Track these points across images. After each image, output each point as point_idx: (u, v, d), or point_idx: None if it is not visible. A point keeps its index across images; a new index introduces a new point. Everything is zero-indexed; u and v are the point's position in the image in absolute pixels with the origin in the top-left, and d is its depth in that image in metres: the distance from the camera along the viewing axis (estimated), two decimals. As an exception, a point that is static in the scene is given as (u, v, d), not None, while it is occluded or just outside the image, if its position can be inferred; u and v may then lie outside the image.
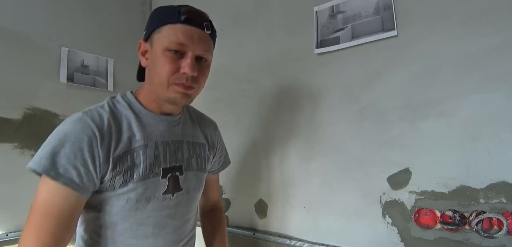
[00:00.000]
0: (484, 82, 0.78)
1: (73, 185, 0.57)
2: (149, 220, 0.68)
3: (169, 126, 0.74)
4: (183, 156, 0.75)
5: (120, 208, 0.64)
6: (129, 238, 0.66)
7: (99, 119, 0.63)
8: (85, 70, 1.46)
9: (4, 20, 1.22)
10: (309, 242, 1.04)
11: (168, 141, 0.72)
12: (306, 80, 1.10)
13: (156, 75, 0.65)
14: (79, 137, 0.59)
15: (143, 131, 0.68)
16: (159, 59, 0.64)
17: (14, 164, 1.20)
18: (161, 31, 0.64)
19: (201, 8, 0.67)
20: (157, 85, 0.66)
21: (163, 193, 0.69)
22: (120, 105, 0.69)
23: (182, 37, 0.63)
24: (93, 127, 0.60)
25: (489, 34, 0.78)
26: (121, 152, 0.63)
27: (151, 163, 0.67)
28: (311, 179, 1.06)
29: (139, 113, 0.70)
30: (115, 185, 0.63)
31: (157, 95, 0.69)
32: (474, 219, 0.76)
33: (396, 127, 0.90)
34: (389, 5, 0.93)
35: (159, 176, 0.69)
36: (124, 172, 0.63)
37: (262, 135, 1.21)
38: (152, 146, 0.68)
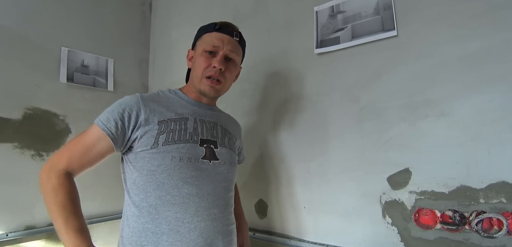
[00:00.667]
0: (484, 82, 0.78)
1: (108, 132, 0.73)
2: (192, 180, 0.77)
3: (205, 110, 0.90)
4: (217, 134, 0.88)
5: (166, 166, 0.75)
6: (175, 196, 0.75)
7: (147, 96, 0.82)
8: (85, 70, 1.46)
9: (4, 20, 1.22)
10: (309, 242, 1.04)
11: (204, 120, 0.87)
12: (306, 80, 1.10)
13: (194, 70, 0.86)
14: (126, 102, 0.77)
15: (185, 109, 0.85)
16: (198, 58, 0.85)
17: (14, 164, 1.20)
18: (201, 38, 0.87)
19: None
20: (195, 78, 0.86)
21: (202, 157, 0.80)
22: (167, 92, 0.89)
23: (215, 40, 0.84)
24: (139, 98, 0.79)
25: (489, 34, 0.78)
26: (165, 118, 0.79)
27: (191, 132, 0.81)
28: (311, 179, 1.06)
29: (183, 99, 0.88)
30: (158, 142, 0.75)
31: (195, 87, 0.87)
32: (474, 219, 0.76)
33: (396, 127, 0.90)
34: (389, 5, 0.93)
35: (197, 144, 0.81)
36: (167, 132, 0.77)
37: (262, 135, 1.21)
38: (191, 120, 0.83)
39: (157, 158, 0.75)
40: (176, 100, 0.86)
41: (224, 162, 0.85)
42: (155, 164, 0.75)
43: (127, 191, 0.79)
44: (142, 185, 0.75)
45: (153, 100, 0.81)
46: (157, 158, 0.75)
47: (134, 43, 1.71)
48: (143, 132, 0.76)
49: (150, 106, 0.78)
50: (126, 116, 0.75)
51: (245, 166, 1.26)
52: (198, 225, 0.76)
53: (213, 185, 0.80)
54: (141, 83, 1.73)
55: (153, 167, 0.75)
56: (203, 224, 0.76)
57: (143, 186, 0.75)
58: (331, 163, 1.02)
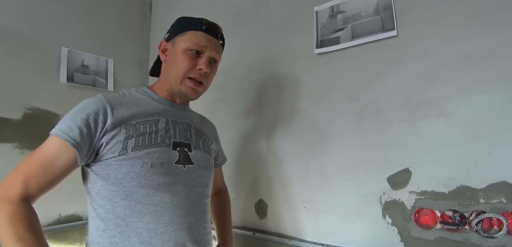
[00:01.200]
0: (484, 82, 0.78)
1: (72, 142, 0.64)
2: (165, 187, 0.71)
3: (178, 111, 0.84)
4: (191, 136, 0.83)
5: (136, 174, 0.68)
6: (147, 205, 0.68)
7: (111, 97, 0.74)
8: (85, 70, 1.46)
9: (4, 20, 1.22)
10: (309, 242, 1.04)
11: (177, 121, 0.81)
12: (306, 80, 1.10)
13: (174, 69, 0.79)
14: (89, 107, 0.68)
15: (155, 109, 0.78)
16: (180, 56, 0.78)
17: (14, 164, 1.19)
18: (185, 34, 0.79)
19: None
20: (173, 77, 0.79)
21: (175, 162, 0.74)
22: (134, 92, 0.81)
23: (202, 40, 0.79)
24: (104, 100, 0.71)
25: (489, 34, 0.78)
26: (133, 121, 0.72)
27: (162, 134, 0.75)
28: (310, 179, 1.06)
29: (153, 98, 0.81)
30: (127, 148, 0.68)
31: (170, 86, 0.81)
32: (474, 219, 0.76)
33: (396, 127, 0.90)
34: (389, 5, 0.93)
35: (170, 147, 0.75)
36: (136, 137, 0.70)
37: (262, 135, 1.21)
38: (163, 121, 0.77)
39: (126, 165, 0.67)
40: (145, 100, 0.79)
41: (199, 166, 0.80)
42: (123, 171, 0.67)
43: (91, 203, 0.70)
44: (108, 195, 0.68)
45: (119, 102, 0.73)
46: (125, 165, 0.67)
47: (134, 43, 1.71)
48: (109, 137, 0.68)
49: (116, 108, 0.71)
50: (92, 122, 0.66)
51: (245, 166, 1.26)
52: (173, 235, 0.70)
53: (187, 191, 0.75)
54: (141, 83, 1.73)
55: (121, 175, 0.67)
56: (178, 234, 0.71)
57: (109, 196, 0.68)
58: (331, 163, 1.02)
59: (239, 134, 1.29)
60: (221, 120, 1.36)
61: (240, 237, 1.21)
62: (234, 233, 1.23)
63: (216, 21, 0.84)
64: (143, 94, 0.81)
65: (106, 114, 0.69)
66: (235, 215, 1.28)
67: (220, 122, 1.36)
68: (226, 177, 1.33)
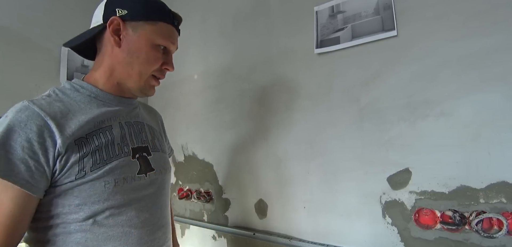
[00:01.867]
0: (484, 82, 0.78)
1: (22, 182, 0.50)
2: (131, 203, 0.62)
3: (128, 108, 0.72)
4: (147, 137, 0.73)
5: (98, 196, 0.57)
6: (112, 227, 0.59)
7: (48, 106, 0.57)
8: (85, 70, 1.46)
9: (4, 20, 1.22)
10: (309, 242, 1.04)
11: (130, 122, 0.70)
12: (306, 80, 1.10)
13: (139, 64, 0.65)
14: (26, 127, 0.52)
15: (105, 112, 0.64)
16: (147, 49, 0.65)
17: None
18: (155, 24, 0.66)
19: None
20: (136, 73, 0.66)
21: (137, 173, 0.64)
22: (70, 91, 0.64)
23: (173, 37, 0.70)
24: (42, 114, 0.54)
25: (489, 34, 0.78)
26: (84, 134, 0.58)
27: (119, 142, 0.63)
28: (311, 179, 1.06)
29: (97, 96, 0.66)
30: (84, 169, 0.56)
31: (124, 80, 0.67)
32: (474, 219, 0.76)
33: (396, 127, 0.90)
34: (389, 5, 0.93)
35: (130, 156, 0.64)
36: (92, 153, 0.58)
37: (262, 135, 1.21)
38: (116, 126, 0.65)
39: (85, 189, 0.56)
40: (86, 100, 0.64)
41: (160, 170, 0.71)
42: (82, 197, 0.56)
43: (35, 237, 0.58)
44: (63, 224, 0.56)
45: (61, 112, 0.57)
46: (85, 189, 0.56)
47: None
48: (63, 162, 0.54)
49: (61, 122, 0.55)
50: (38, 148, 0.52)
51: (245, 166, 1.26)
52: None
53: (152, 203, 0.67)
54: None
55: (79, 200, 0.56)
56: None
57: (64, 224, 0.56)
58: (331, 163, 1.02)
59: (239, 134, 1.29)
60: (221, 120, 1.36)
61: (240, 237, 1.21)
62: (234, 233, 1.24)
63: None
64: (82, 91, 0.65)
65: (52, 133, 0.54)
66: (235, 215, 1.28)
67: (220, 122, 1.36)
68: (226, 177, 1.33)
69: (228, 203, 1.30)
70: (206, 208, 1.38)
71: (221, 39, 1.41)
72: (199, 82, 1.49)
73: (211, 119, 1.40)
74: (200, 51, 1.48)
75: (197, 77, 1.49)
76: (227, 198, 1.31)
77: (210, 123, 1.39)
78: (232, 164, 1.30)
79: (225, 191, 1.32)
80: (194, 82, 1.50)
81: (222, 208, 1.32)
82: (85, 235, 0.57)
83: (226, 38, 1.39)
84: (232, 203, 1.30)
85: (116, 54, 0.66)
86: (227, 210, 1.30)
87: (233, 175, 1.30)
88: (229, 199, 1.30)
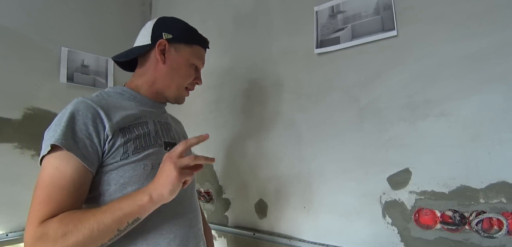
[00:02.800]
0: (484, 82, 0.78)
1: (81, 156, 0.60)
2: None
3: (160, 110, 0.85)
4: (175, 135, 0.85)
5: (138, 177, 0.67)
6: None
7: (98, 100, 0.69)
8: (85, 70, 1.46)
9: (4, 20, 1.22)
10: (309, 242, 1.04)
11: (161, 121, 0.82)
12: (306, 80, 1.10)
13: (178, 78, 0.82)
14: (83, 113, 0.64)
15: (141, 111, 0.77)
16: (185, 67, 0.82)
17: (14, 164, 1.20)
18: (192, 47, 0.83)
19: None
20: (175, 85, 0.82)
21: None
22: (113, 93, 0.78)
23: (204, 58, 0.88)
24: (94, 105, 0.66)
25: (489, 34, 0.78)
26: (126, 125, 0.69)
27: (154, 135, 0.75)
28: (311, 179, 1.06)
29: (135, 98, 0.79)
30: (128, 152, 0.67)
31: (164, 90, 0.82)
32: (474, 219, 0.76)
33: (396, 127, 0.90)
34: (389, 5, 0.93)
35: (162, 147, 0.76)
36: (134, 139, 0.69)
37: (262, 135, 1.21)
38: (151, 122, 0.77)
39: (128, 169, 0.66)
40: (127, 101, 0.77)
41: None
42: (126, 176, 0.66)
43: None
44: (110, 202, 0.63)
45: (107, 105, 0.69)
46: (128, 169, 0.66)
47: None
48: (110, 144, 0.65)
49: (108, 112, 0.67)
50: (92, 131, 0.63)
51: (245, 166, 1.26)
52: (178, 233, 0.71)
53: (184, 189, 0.71)
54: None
55: (123, 180, 0.66)
56: (182, 231, 0.72)
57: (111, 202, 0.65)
58: (331, 163, 1.02)
59: (239, 134, 1.29)
60: (221, 120, 1.36)
61: (240, 237, 1.21)
62: (234, 233, 1.24)
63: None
64: (123, 94, 0.78)
65: (102, 119, 0.65)
66: (235, 215, 1.28)
67: (220, 122, 1.36)
68: (226, 177, 1.33)
69: (228, 203, 1.30)
70: (206, 208, 1.38)
71: (221, 39, 1.41)
72: (199, 82, 1.49)
73: (211, 119, 1.40)
74: (200, 51, 1.48)
75: (197, 77, 1.49)
76: (227, 198, 1.31)
77: (210, 123, 1.39)
78: (232, 164, 1.30)
79: (225, 191, 1.32)
80: (194, 82, 1.50)
81: (222, 208, 1.32)
82: None
83: (226, 38, 1.39)
84: (232, 203, 1.30)
85: (160, 69, 0.80)
86: (227, 210, 1.30)
87: (233, 175, 1.30)
88: (229, 199, 1.30)
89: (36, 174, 0.65)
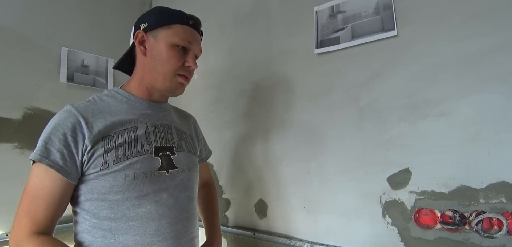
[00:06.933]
0: (484, 82, 0.78)
1: (57, 167, 0.62)
2: (150, 196, 0.69)
3: (156, 111, 0.80)
4: (173, 138, 0.80)
5: (119, 187, 0.66)
6: (132, 218, 0.67)
7: (83, 107, 0.70)
8: (85, 70, 1.46)
9: (4, 20, 1.22)
10: (309, 242, 1.04)
11: (156, 124, 0.78)
12: (306, 80, 1.10)
13: (161, 65, 0.74)
14: (64, 124, 0.65)
15: (132, 114, 0.74)
16: (166, 51, 0.74)
17: (14, 164, 1.20)
18: (170, 28, 0.74)
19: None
20: (160, 74, 0.75)
21: (158, 169, 0.72)
22: (106, 97, 0.76)
23: (190, 37, 0.76)
24: (77, 114, 0.67)
25: (489, 34, 0.78)
26: (110, 132, 0.68)
27: (142, 141, 0.72)
28: (311, 179, 1.06)
29: (128, 100, 0.77)
30: (107, 161, 0.66)
31: (152, 84, 0.77)
32: (474, 219, 0.76)
33: (396, 127, 0.90)
34: (389, 5, 0.93)
35: (152, 154, 0.72)
36: (115, 148, 0.67)
37: (262, 135, 1.21)
38: (141, 127, 0.74)
39: (109, 179, 0.66)
40: (119, 105, 0.75)
41: (183, 169, 0.78)
42: (106, 186, 0.66)
43: (77, 218, 0.69)
44: (94, 210, 0.67)
45: (92, 113, 0.69)
46: (108, 179, 0.66)
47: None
48: (90, 154, 0.65)
49: (90, 121, 0.67)
50: (71, 141, 0.64)
51: (245, 166, 1.26)
52: (160, 245, 0.69)
53: (174, 198, 0.73)
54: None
55: (104, 189, 0.66)
56: (165, 244, 0.70)
57: (94, 211, 0.67)
58: (331, 163, 1.02)
59: (239, 134, 1.29)
60: (221, 120, 1.36)
61: (240, 237, 1.21)
62: (234, 233, 1.24)
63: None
64: (116, 96, 0.76)
65: (82, 129, 0.65)
66: (235, 215, 1.28)
67: (220, 122, 1.36)
68: (226, 177, 1.33)
69: (228, 203, 1.30)
70: (206, 208, 1.38)
71: (221, 39, 1.41)
72: (199, 82, 1.49)
73: (211, 119, 1.40)
74: (200, 51, 1.48)
75: (197, 77, 1.49)
76: (227, 198, 1.31)
77: (210, 123, 1.39)
78: (232, 164, 1.30)
79: (225, 191, 1.32)
80: (194, 82, 1.50)
81: (222, 208, 1.32)
82: (110, 223, 0.66)
83: (226, 38, 1.39)
84: (232, 203, 1.30)
85: (144, 62, 0.77)
86: (227, 210, 1.30)
87: (233, 175, 1.30)
88: (229, 199, 1.30)
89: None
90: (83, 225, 0.68)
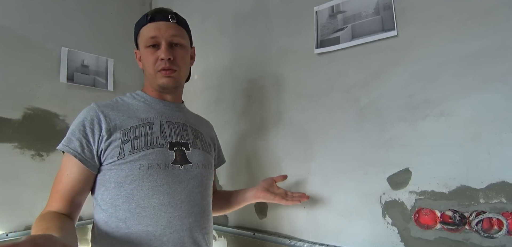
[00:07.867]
0: (484, 82, 0.78)
1: (76, 154, 0.69)
2: (163, 188, 0.72)
3: (172, 110, 0.86)
4: (188, 135, 0.84)
5: (135, 177, 0.70)
6: (146, 208, 0.70)
7: (105, 104, 0.77)
8: (85, 70, 1.46)
9: (4, 20, 1.22)
10: (309, 242, 1.04)
11: (172, 122, 0.83)
12: (306, 80, 1.10)
13: (146, 69, 0.82)
14: (85, 117, 0.72)
15: (149, 112, 0.80)
16: (143, 55, 0.81)
17: (14, 164, 1.20)
18: (139, 35, 0.83)
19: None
20: (149, 76, 0.82)
21: (172, 162, 0.75)
22: (127, 98, 0.84)
23: (152, 31, 0.79)
24: (97, 109, 0.74)
25: (489, 34, 0.78)
26: (127, 126, 0.74)
27: (158, 135, 0.77)
28: (311, 179, 1.06)
29: (145, 100, 0.83)
30: (124, 152, 0.71)
31: (153, 85, 0.83)
32: (474, 219, 0.76)
33: (396, 127, 0.90)
34: (389, 5, 0.93)
35: (166, 147, 0.76)
36: (131, 140, 0.72)
37: (262, 135, 1.21)
38: (157, 123, 0.79)
39: (125, 168, 0.70)
40: (137, 104, 0.82)
41: (197, 165, 0.80)
42: (122, 175, 0.70)
43: (96, 208, 0.74)
44: (110, 200, 0.71)
45: (112, 108, 0.76)
46: (124, 168, 0.70)
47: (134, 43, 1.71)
48: (107, 144, 0.71)
49: (109, 115, 0.74)
50: (89, 131, 0.70)
51: (244, 166, 1.26)
52: (171, 237, 0.71)
53: (187, 191, 0.76)
54: (141, 83, 1.73)
55: (121, 178, 0.70)
56: (176, 236, 0.72)
57: (111, 200, 0.71)
58: (331, 163, 1.02)
59: (239, 134, 1.29)
60: (221, 120, 1.36)
61: (240, 237, 1.21)
62: (234, 233, 1.24)
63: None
64: (136, 98, 0.84)
65: (100, 121, 0.72)
66: (235, 215, 1.28)
67: (220, 122, 1.36)
68: (226, 176, 1.33)
69: (228, 203, 1.30)
70: (206, 208, 1.38)
71: (221, 39, 1.41)
72: (199, 82, 1.49)
73: (211, 119, 1.39)
74: (200, 51, 1.47)
75: (197, 77, 1.49)
76: (227, 198, 1.31)
77: (210, 123, 1.39)
78: (232, 164, 1.30)
79: (225, 191, 1.32)
80: (194, 82, 1.50)
81: (222, 208, 1.32)
82: (125, 214, 0.70)
83: (226, 38, 1.39)
84: (232, 203, 1.29)
85: (144, 72, 0.85)
86: (227, 210, 1.30)
87: (233, 175, 1.30)
88: (229, 199, 1.30)
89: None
90: (100, 216, 0.72)
